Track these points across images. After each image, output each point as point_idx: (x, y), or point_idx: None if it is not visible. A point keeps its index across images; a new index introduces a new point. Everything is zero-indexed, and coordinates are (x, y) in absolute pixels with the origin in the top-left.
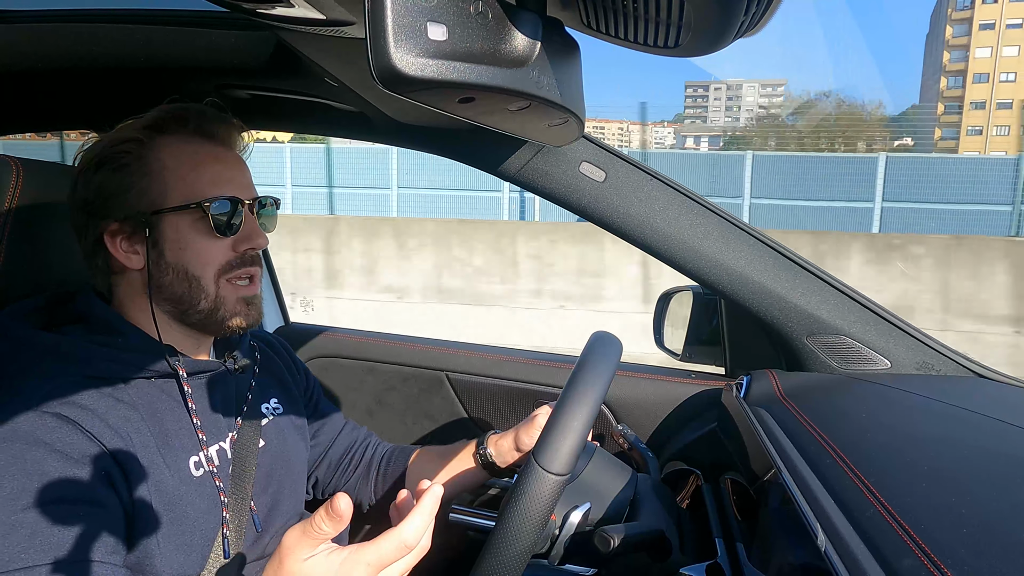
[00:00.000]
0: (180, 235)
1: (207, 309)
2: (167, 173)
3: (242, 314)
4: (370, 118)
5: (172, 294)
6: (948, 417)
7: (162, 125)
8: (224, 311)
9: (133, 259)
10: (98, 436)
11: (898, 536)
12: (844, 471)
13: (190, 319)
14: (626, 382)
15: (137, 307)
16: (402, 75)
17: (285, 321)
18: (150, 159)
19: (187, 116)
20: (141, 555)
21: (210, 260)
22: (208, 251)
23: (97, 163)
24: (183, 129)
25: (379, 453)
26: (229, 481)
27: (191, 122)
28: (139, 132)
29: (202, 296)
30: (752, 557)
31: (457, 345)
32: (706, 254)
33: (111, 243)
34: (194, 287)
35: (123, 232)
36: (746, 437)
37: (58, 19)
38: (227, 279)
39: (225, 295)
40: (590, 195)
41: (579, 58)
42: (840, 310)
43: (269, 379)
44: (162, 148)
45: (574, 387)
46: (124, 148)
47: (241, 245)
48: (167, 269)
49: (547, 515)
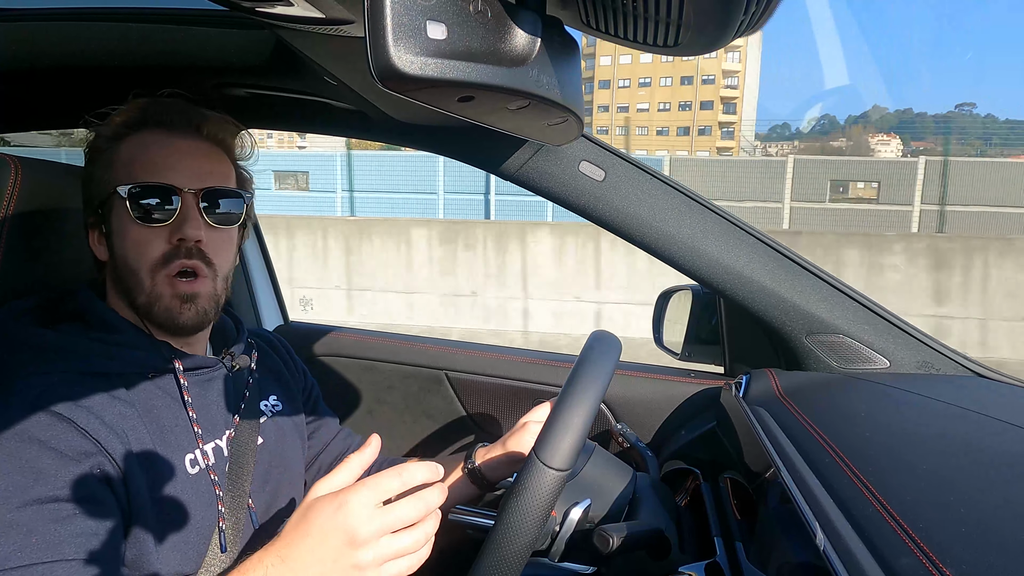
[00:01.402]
0: (120, 225)
1: (143, 304)
2: (117, 163)
3: (178, 310)
4: (369, 117)
5: (123, 287)
6: (947, 416)
7: (127, 118)
8: (159, 305)
9: (100, 250)
10: (94, 433)
11: (897, 535)
12: (843, 470)
13: (139, 313)
14: (625, 381)
15: (118, 302)
16: (401, 74)
17: (284, 320)
18: (112, 152)
19: (145, 107)
20: (137, 552)
21: (145, 252)
22: (141, 242)
23: (86, 159)
24: (144, 122)
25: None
26: (226, 478)
27: (149, 112)
28: (109, 128)
29: (140, 291)
30: (751, 556)
31: (456, 344)
32: (705, 253)
33: (90, 236)
34: (133, 280)
35: (95, 225)
36: (745, 436)
37: (56, 17)
38: (165, 274)
39: (161, 291)
40: (590, 194)
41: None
42: (839, 309)
43: (268, 377)
44: (126, 139)
45: (575, 383)
46: (95, 143)
47: (174, 235)
48: (117, 260)
49: (548, 510)
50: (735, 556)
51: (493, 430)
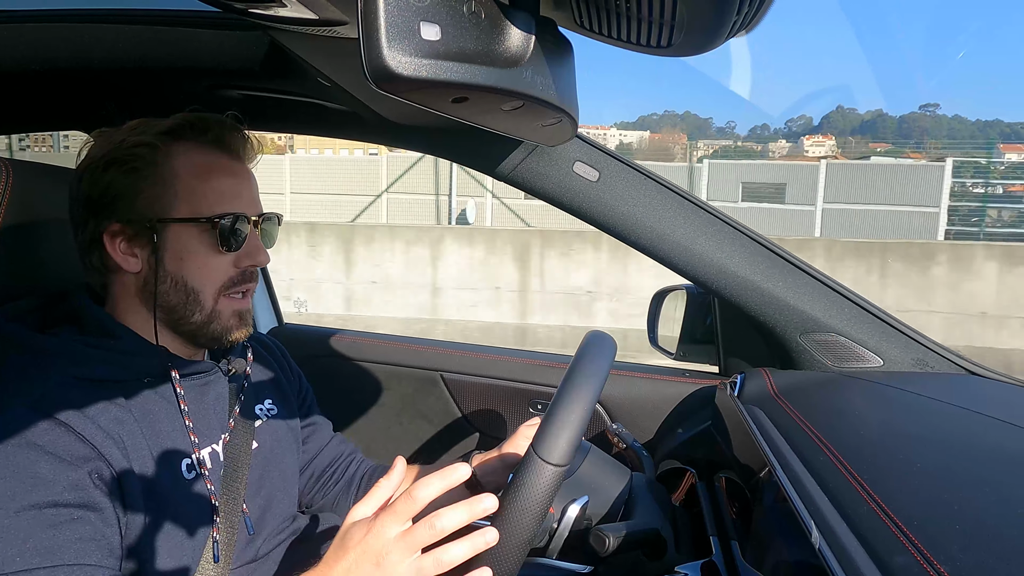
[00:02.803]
0: (182, 246)
1: (200, 322)
2: (178, 182)
3: (235, 328)
4: (363, 118)
5: (166, 302)
6: (941, 414)
7: (179, 132)
8: (218, 324)
9: (131, 262)
10: (91, 438)
11: (891, 533)
12: (838, 468)
13: (181, 328)
14: (620, 381)
15: (131, 309)
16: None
17: (279, 321)
18: (162, 165)
19: (206, 126)
20: (132, 557)
21: (211, 275)
22: (209, 266)
23: (107, 162)
24: (200, 138)
25: (361, 470)
26: (220, 484)
27: (210, 132)
28: (154, 137)
29: (197, 309)
30: (747, 554)
31: (451, 345)
32: (700, 253)
33: (110, 243)
34: (191, 299)
35: (124, 234)
36: (740, 435)
37: (48, 19)
38: (226, 295)
39: (221, 309)
40: (584, 195)
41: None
42: (833, 308)
43: (263, 380)
44: (176, 156)
45: (572, 380)
46: (137, 151)
47: (243, 261)
48: (164, 277)
49: (547, 505)
50: (731, 555)
51: (488, 431)
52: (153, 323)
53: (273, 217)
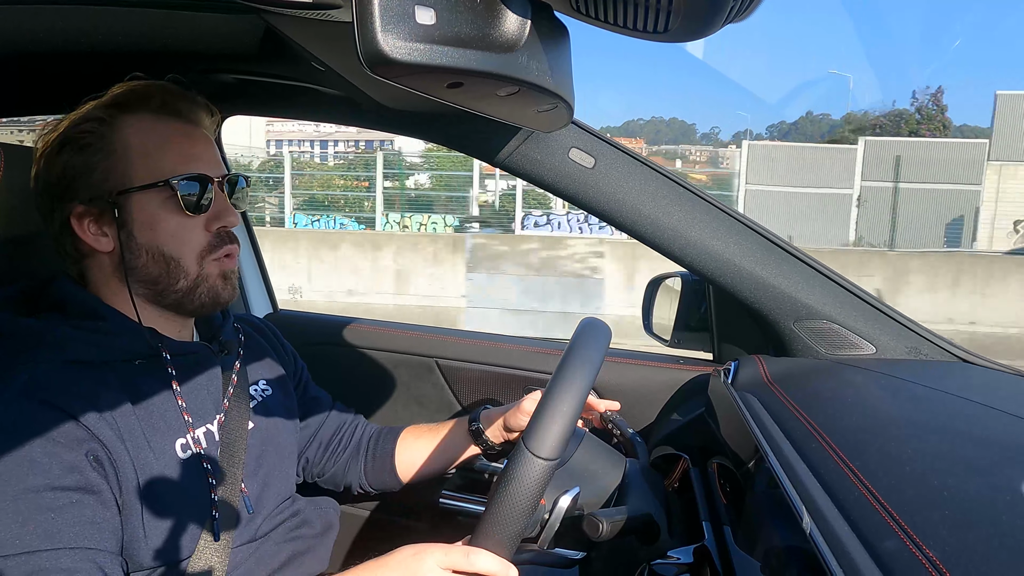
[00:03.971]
0: (150, 215)
1: (185, 288)
2: (132, 152)
3: (220, 289)
4: (358, 103)
5: (147, 276)
6: (932, 401)
7: (125, 103)
8: (204, 286)
9: (102, 241)
10: (84, 421)
11: (881, 518)
12: (829, 455)
13: (166, 300)
14: (614, 368)
15: (112, 290)
16: (390, 59)
17: (273, 308)
18: (113, 138)
19: (151, 93)
20: (129, 538)
21: (186, 240)
22: (182, 231)
23: (60, 144)
24: (146, 106)
25: (367, 434)
26: (218, 463)
27: (155, 99)
28: (101, 111)
29: (181, 276)
30: (739, 540)
31: (447, 332)
32: (694, 240)
33: (78, 226)
34: (172, 268)
35: (90, 214)
36: (733, 422)
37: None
38: (213, 258)
39: (208, 272)
40: (579, 181)
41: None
42: (826, 296)
43: (256, 362)
44: (126, 127)
45: (563, 373)
46: (87, 128)
47: (213, 224)
48: (139, 251)
49: (536, 500)
50: (723, 540)
51: None
52: (131, 300)
53: (239, 178)
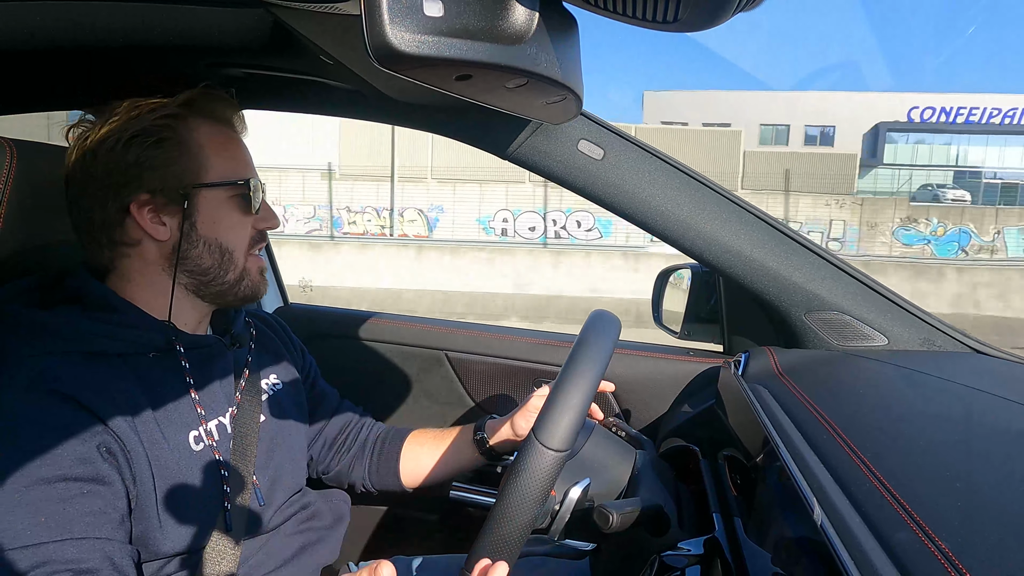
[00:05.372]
0: (215, 210)
1: (232, 280)
2: (202, 151)
3: (260, 283)
4: (366, 96)
5: (197, 266)
6: (945, 392)
7: (195, 104)
8: (248, 280)
9: (160, 230)
10: (98, 413)
11: (893, 510)
12: (841, 446)
13: (210, 289)
14: (624, 360)
15: (147, 280)
16: (398, 52)
17: (284, 302)
18: (187, 136)
19: (215, 100)
20: (143, 530)
21: (241, 235)
22: (240, 226)
23: (130, 137)
24: (211, 111)
25: (374, 433)
26: (230, 455)
27: (217, 105)
28: (177, 109)
29: (231, 268)
30: (749, 531)
31: (456, 324)
32: (704, 232)
33: (138, 214)
34: (225, 259)
35: (154, 204)
36: (744, 414)
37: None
38: (251, 252)
39: (250, 267)
40: (588, 173)
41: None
42: (838, 287)
43: (267, 356)
44: (197, 127)
45: (573, 364)
46: (163, 123)
47: (261, 223)
48: (197, 241)
49: (547, 491)
50: (733, 532)
51: (493, 410)
52: (171, 289)
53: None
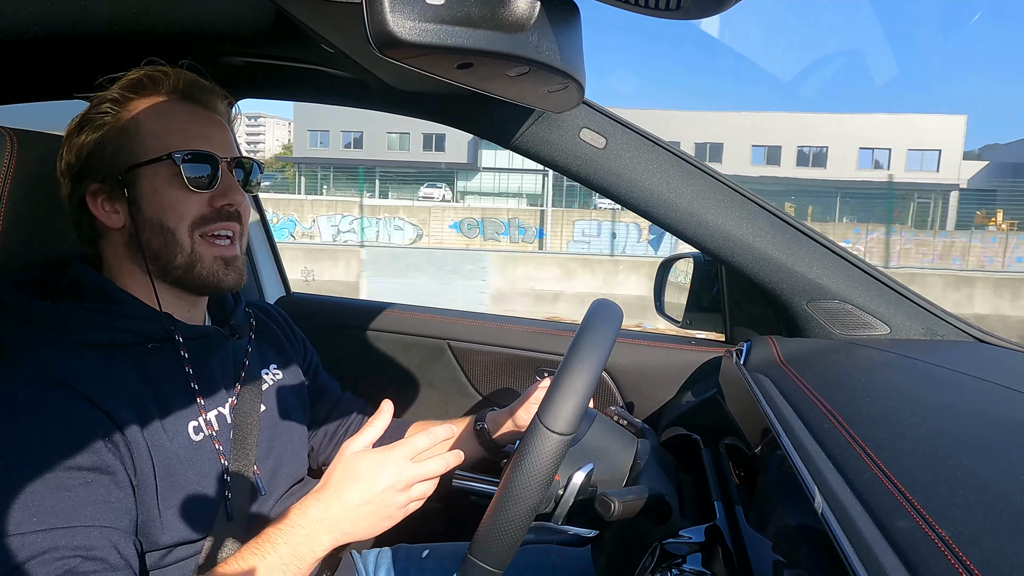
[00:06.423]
0: (155, 189)
1: (183, 264)
2: (142, 130)
3: (221, 273)
4: (368, 85)
5: (150, 250)
6: (947, 381)
7: (140, 85)
8: (201, 267)
9: (114, 218)
10: (99, 403)
11: (894, 498)
12: (842, 435)
13: (170, 276)
14: (627, 349)
15: (126, 271)
16: (400, 40)
17: (286, 291)
18: (126, 118)
19: (165, 77)
20: (143, 520)
21: (183, 212)
22: (182, 203)
23: (79, 126)
24: (160, 89)
25: None
26: (230, 445)
27: (167, 82)
28: (116, 93)
29: (177, 250)
30: (750, 519)
31: (458, 314)
32: (707, 220)
33: (92, 204)
34: (169, 239)
35: (103, 192)
36: (745, 403)
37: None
38: (201, 234)
39: (201, 252)
40: (591, 162)
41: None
42: (840, 276)
43: (267, 346)
44: (138, 107)
45: (577, 349)
46: (103, 109)
47: (218, 200)
48: (144, 224)
49: (551, 474)
50: (735, 520)
51: (495, 399)
52: (148, 275)
53: (249, 163)
